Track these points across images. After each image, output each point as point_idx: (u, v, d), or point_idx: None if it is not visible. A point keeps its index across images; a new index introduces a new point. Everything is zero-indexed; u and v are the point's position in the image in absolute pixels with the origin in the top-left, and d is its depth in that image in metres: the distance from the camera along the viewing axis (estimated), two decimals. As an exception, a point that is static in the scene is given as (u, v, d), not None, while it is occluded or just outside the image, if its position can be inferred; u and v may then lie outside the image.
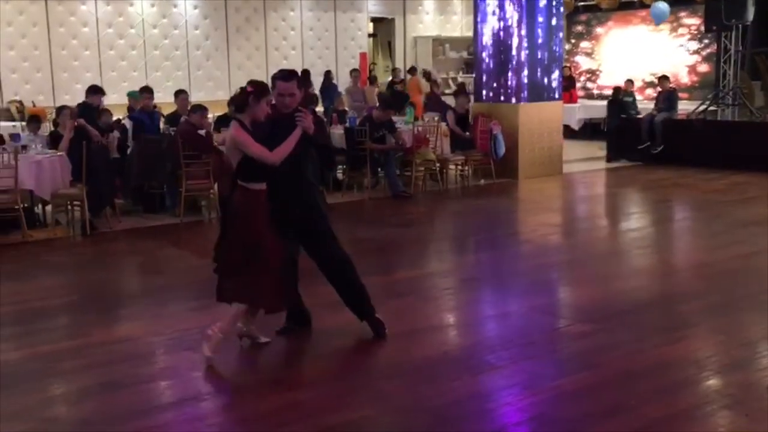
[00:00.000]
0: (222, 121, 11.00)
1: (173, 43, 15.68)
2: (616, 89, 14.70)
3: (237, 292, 5.00)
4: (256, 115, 4.96)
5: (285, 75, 5.07)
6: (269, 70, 16.69)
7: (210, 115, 10.16)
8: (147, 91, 11.02)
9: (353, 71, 15.45)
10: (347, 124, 11.29)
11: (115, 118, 10.73)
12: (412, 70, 17.32)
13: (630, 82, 14.95)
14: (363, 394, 4.50)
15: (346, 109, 13.27)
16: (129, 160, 9.76)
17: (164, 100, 12.71)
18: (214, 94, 15.56)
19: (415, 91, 16.67)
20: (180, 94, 10.83)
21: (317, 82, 15.52)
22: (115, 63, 14.98)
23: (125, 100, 12.87)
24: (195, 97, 13.66)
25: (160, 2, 15.47)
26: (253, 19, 16.60)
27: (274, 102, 5.08)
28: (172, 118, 10.52)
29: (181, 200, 9.33)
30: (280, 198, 5.01)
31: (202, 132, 9.42)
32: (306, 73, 15.48)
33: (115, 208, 9.35)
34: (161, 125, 10.63)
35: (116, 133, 10.07)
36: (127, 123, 10.55)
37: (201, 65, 16.01)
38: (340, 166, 11.26)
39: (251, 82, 5.07)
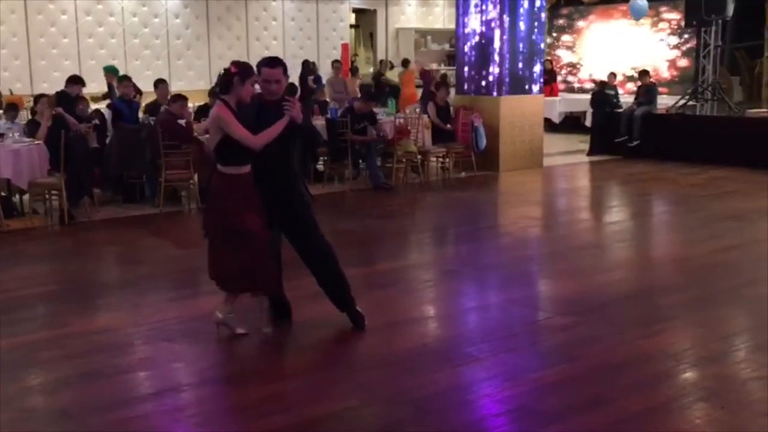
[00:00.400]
0: (203, 111, 10.94)
1: (153, 32, 15.56)
2: (602, 83, 14.76)
3: (229, 282, 5.03)
4: (241, 95, 4.92)
5: (270, 61, 5.04)
6: (250, 60, 16.38)
7: (190, 105, 10.10)
8: (126, 79, 10.92)
9: (335, 62, 15.40)
10: (328, 116, 11.26)
11: (94, 107, 10.64)
12: (406, 63, 17.33)
13: (613, 75, 15.01)
14: (344, 385, 4.50)
15: (328, 100, 13.24)
16: (108, 149, 9.68)
17: (144, 89, 12.60)
18: (194, 84, 15.46)
19: (411, 83, 16.70)
20: (160, 84, 10.75)
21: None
22: (94, 51, 14.84)
23: (105, 88, 12.77)
24: (175, 87, 13.57)
25: (140, -10, 15.35)
26: (234, 9, 16.50)
27: (259, 89, 5.05)
28: (151, 108, 10.44)
29: (160, 190, 9.27)
30: (263, 186, 4.99)
31: (182, 122, 9.36)
32: (306, 63, 15.46)
33: (93, 198, 9.28)
34: (140, 114, 10.55)
35: (95, 122, 9.98)
36: (106, 112, 10.45)
37: (181, 54, 15.90)
38: (321, 158, 11.24)
39: (235, 63, 5.01)
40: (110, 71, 12.66)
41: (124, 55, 15.11)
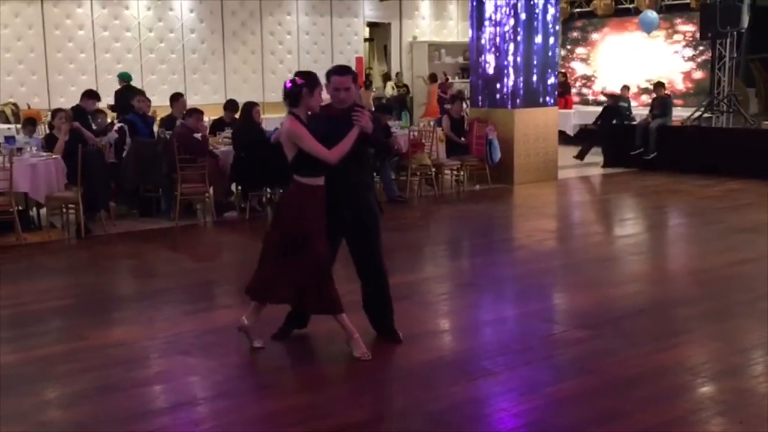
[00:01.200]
0: (218, 125, 11.02)
1: (169, 47, 15.68)
2: (616, 96, 14.78)
3: (266, 292, 5.03)
4: (311, 105, 4.89)
5: (340, 69, 5.03)
6: (265, 74, 16.72)
7: (205, 119, 10.16)
8: (141, 93, 11.00)
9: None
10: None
11: (108, 120, 10.73)
12: (433, 77, 17.38)
13: (626, 88, 15.00)
14: (360, 398, 4.50)
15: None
16: (124, 163, 9.74)
17: (159, 103, 12.72)
18: (209, 98, 15.58)
19: (435, 97, 16.81)
20: (180, 98, 10.82)
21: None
22: (110, 66, 14.96)
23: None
24: (191, 101, 13.62)
25: (156, 5, 15.47)
26: (249, 23, 16.61)
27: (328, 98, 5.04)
28: (167, 121, 10.51)
29: (176, 204, 9.32)
30: (335, 197, 4.93)
31: (197, 135, 9.41)
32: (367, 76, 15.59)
33: (110, 212, 9.33)
34: (156, 128, 10.63)
35: (113, 135, 10.05)
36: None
37: (197, 69, 16.01)
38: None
39: (300, 74, 4.95)
40: (125, 78, 12.91)
41: (140, 69, 15.23)
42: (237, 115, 10.68)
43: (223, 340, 5.24)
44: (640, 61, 17.75)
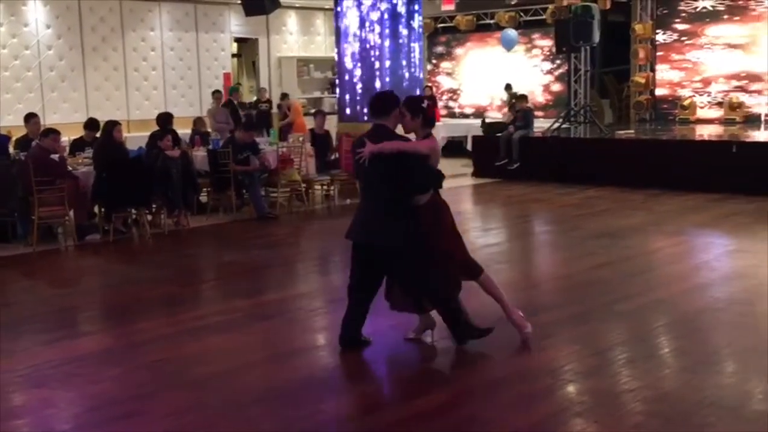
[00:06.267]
0: (78, 145, 10.62)
1: (24, 64, 15.00)
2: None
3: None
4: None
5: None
6: (129, 91, 16.27)
7: (65, 139, 9.77)
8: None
9: (216, 92, 15.24)
10: (210, 146, 11.13)
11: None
12: (285, 96, 17.30)
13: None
14: (229, 421, 4.42)
15: (209, 130, 13.07)
16: (-24, 187, 9.23)
17: (16, 123, 12.14)
18: (70, 117, 15.00)
19: (300, 113, 16.73)
20: (31, 118, 10.36)
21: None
22: (-39, 85, 14.20)
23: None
24: (50, 120, 13.14)
25: (9, 21, 14.78)
26: (110, 39, 16.11)
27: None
28: (22, 143, 10.05)
29: (33, 228, 8.91)
30: None
31: (55, 156, 9.04)
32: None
33: (-39, 239, 8.83)
34: (11, 150, 10.14)
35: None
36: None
37: (55, 87, 15.38)
38: (204, 189, 11.08)
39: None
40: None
41: (-7, 88, 14.52)
42: (98, 134, 10.33)
43: (83, 369, 5.03)
44: (503, 75, 18.34)
